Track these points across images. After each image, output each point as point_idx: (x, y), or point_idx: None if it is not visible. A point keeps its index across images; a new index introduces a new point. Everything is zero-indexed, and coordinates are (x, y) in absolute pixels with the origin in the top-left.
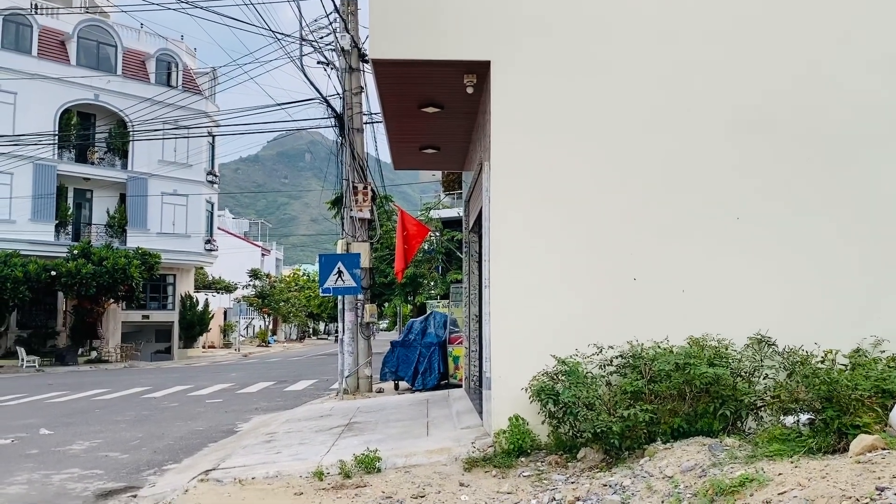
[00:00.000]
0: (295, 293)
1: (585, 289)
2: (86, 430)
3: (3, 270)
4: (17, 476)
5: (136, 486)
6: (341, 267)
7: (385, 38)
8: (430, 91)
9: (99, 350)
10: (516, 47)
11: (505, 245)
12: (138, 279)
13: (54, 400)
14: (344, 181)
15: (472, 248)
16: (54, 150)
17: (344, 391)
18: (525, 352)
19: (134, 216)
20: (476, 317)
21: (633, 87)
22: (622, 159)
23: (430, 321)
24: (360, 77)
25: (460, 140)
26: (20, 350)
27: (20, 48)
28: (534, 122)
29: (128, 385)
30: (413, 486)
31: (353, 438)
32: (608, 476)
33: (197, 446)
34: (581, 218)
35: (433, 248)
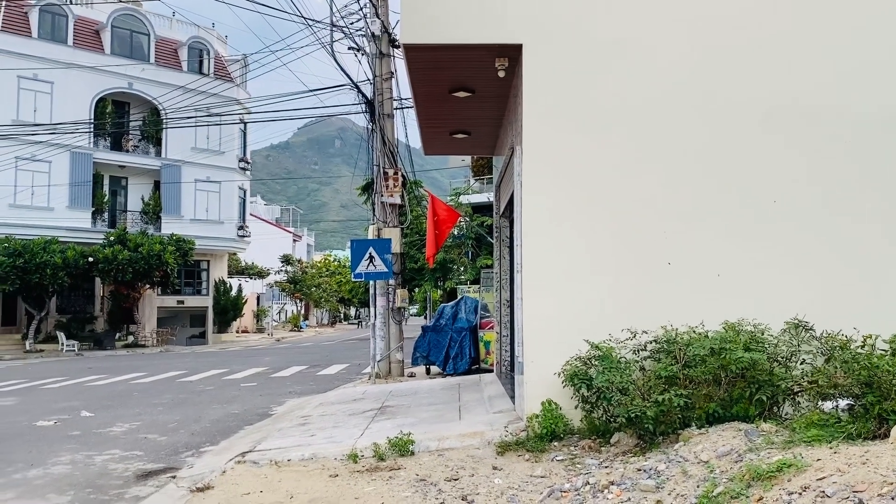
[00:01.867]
0: (326, 278)
1: (619, 273)
2: (125, 412)
3: (42, 257)
4: (60, 456)
5: (175, 467)
6: (373, 252)
7: (416, 22)
8: (460, 75)
9: (136, 335)
10: (548, 30)
11: (537, 229)
12: (173, 265)
13: (94, 383)
14: (374, 167)
15: (502, 233)
16: (90, 138)
17: (376, 375)
18: (557, 336)
19: (168, 203)
20: (507, 302)
21: (669, 72)
22: (657, 143)
23: (460, 306)
24: (390, 62)
25: (491, 124)
26: (60, 335)
27: (56, 38)
28: (566, 106)
29: (164, 369)
30: (446, 469)
31: (386, 422)
32: (642, 461)
33: (233, 429)
34: (614, 202)
35: (463, 233)
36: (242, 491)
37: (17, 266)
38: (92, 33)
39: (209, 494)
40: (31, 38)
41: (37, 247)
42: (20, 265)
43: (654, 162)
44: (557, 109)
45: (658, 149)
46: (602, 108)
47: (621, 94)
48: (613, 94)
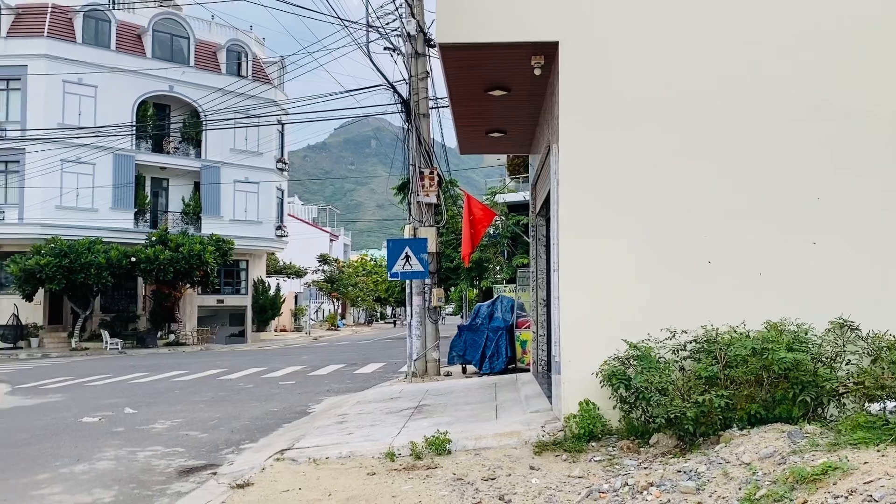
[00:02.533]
0: (362, 278)
1: (657, 272)
2: (167, 409)
3: (87, 257)
4: (105, 452)
5: (216, 463)
6: (409, 252)
7: (452, 21)
8: (496, 74)
9: (177, 333)
10: (584, 27)
11: (573, 228)
12: (213, 265)
13: (137, 381)
14: (410, 166)
15: (539, 232)
16: (132, 140)
17: (412, 374)
18: (595, 336)
19: (208, 203)
20: (544, 301)
21: (707, 66)
22: (697, 139)
23: (497, 305)
24: (425, 62)
25: (527, 122)
26: (104, 333)
27: (99, 43)
28: (603, 103)
29: (205, 367)
30: (483, 468)
31: (423, 421)
32: (682, 462)
33: (272, 426)
34: (653, 200)
35: (498, 232)
36: (282, 488)
37: (63, 266)
38: (134, 38)
39: (249, 491)
40: (75, 43)
41: (82, 247)
42: (66, 265)
43: (694, 158)
44: (594, 106)
45: (699, 145)
46: (639, 105)
47: (659, 90)
48: (651, 90)
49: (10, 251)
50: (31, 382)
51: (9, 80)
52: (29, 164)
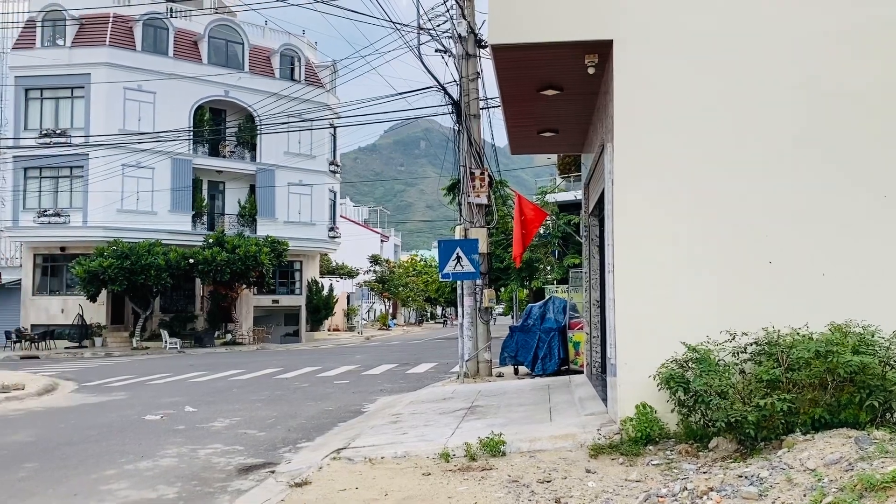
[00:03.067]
0: (413, 278)
1: (716, 273)
2: (225, 408)
3: (147, 258)
4: (167, 449)
5: (274, 462)
6: (460, 252)
7: (504, 22)
8: (549, 74)
9: (233, 333)
10: (639, 24)
11: (628, 228)
12: (268, 265)
13: (196, 379)
14: (461, 167)
15: (592, 232)
16: (190, 145)
17: (464, 375)
18: (651, 338)
19: (263, 206)
20: (597, 302)
21: (767, 61)
22: (755, 137)
23: (549, 306)
24: (476, 63)
25: (579, 122)
26: (164, 333)
27: (158, 50)
28: (659, 101)
29: (261, 366)
30: (539, 470)
31: (476, 421)
32: (743, 467)
33: (327, 425)
34: (711, 199)
35: (549, 232)
36: (339, 487)
37: (124, 267)
38: (190, 44)
39: (307, 490)
40: (135, 51)
41: (142, 249)
42: (127, 266)
43: (753, 157)
44: (650, 104)
45: (758, 143)
46: (696, 103)
47: (716, 86)
48: (707, 86)
49: (74, 253)
50: (95, 380)
51: (73, 89)
52: (92, 169)
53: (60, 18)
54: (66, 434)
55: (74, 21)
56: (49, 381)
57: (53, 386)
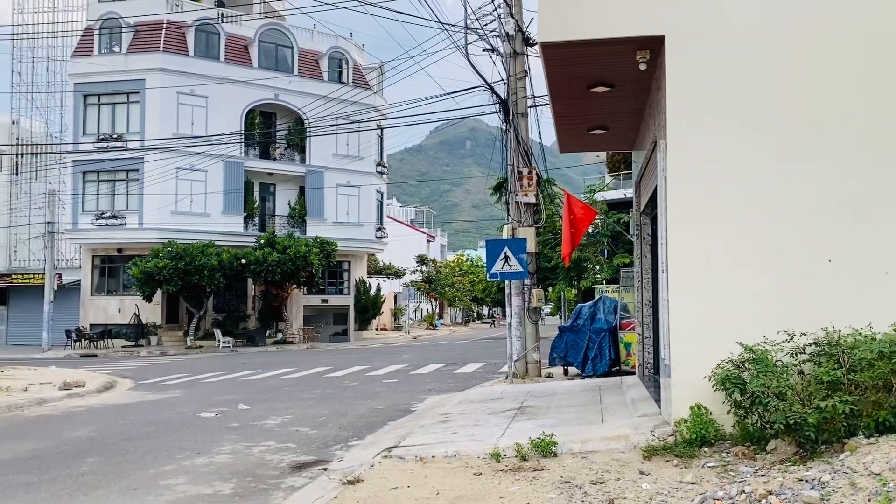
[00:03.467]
0: (459, 278)
1: (773, 271)
2: (278, 406)
3: (201, 259)
4: (223, 446)
5: (326, 459)
6: (508, 252)
7: (553, 20)
8: (599, 70)
9: (284, 332)
10: (692, 19)
11: (682, 226)
12: (317, 266)
13: (248, 378)
14: (508, 166)
15: (643, 231)
16: (241, 148)
17: (513, 375)
18: (706, 338)
19: (312, 207)
20: (649, 302)
21: (829, 53)
22: (814, 131)
23: (599, 306)
24: (524, 61)
25: (630, 119)
26: (217, 332)
27: (209, 55)
28: (713, 96)
29: (311, 365)
30: (591, 471)
31: (527, 422)
32: (803, 470)
33: (378, 424)
34: (767, 196)
35: (598, 231)
36: (390, 485)
37: (178, 268)
38: (241, 49)
39: (359, 487)
40: (188, 56)
41: (196, 250)
42: (181, 267)
43: (811, 151)
44: (704, 100)
45: (816, 137)
46: (750, 97)
47: (771, 79)
48: (762, 80)
49: (131, 254)
50: (152, 378)
51: (129, 94)
52: (147, 173)
53: (116, 26)
54: (125, 430)
55: (129, 28)
56: (108, 379)
57: (112, 384)
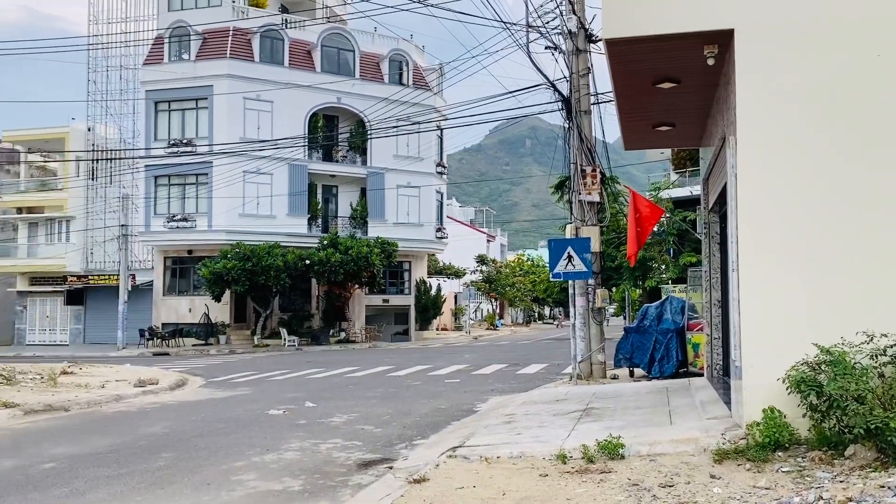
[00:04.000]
0: (520, 278)
1: (850, 270)
2: (343, 404)
3: (267, 260)
4: (291, 443)
5: (391, 458)
6: (571, 252)
7: (618, 16)
8: (665, 66)
9: (347, 331)
10: (762, 12)
11: (753, 225)
12: (379, 266)
13: (313, 376)
14: (571, 165)
15: (712, 230)
16: (305, 151)
17: (577, 376)
18: (779, 339)
19: (373, 208)
20: (718, 302)
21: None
22: (893, 123)
23: (665, 306)
24: (587, 58)
25: (697, 115)
26: (282, 331)
27: (274, 60)
28: (785, 90)
29: (374, 364)
30: (660, 474)
31: (592, 424)
32: (885, 477)
33: (441, 423)
34: (843, 191)
35: (663, 229)
36: (456, 485)
37: (246, 269)
38: (304, 53)
39: (425, 486)
40: (253, 62)
41: (262, 251)
42: (249, 268)
43: (888, 147)
44: (775, 95)
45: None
46: (826, 90)
47: (846, 71)
48: (836, 72)
49: (200, 256)
50: (221, 376)
51: (198, 100)
52: (216, 176)
53: (185, 34)
54: (197, 426)
55: (198, 36)
56: (180, 377)
57: (184, 381)
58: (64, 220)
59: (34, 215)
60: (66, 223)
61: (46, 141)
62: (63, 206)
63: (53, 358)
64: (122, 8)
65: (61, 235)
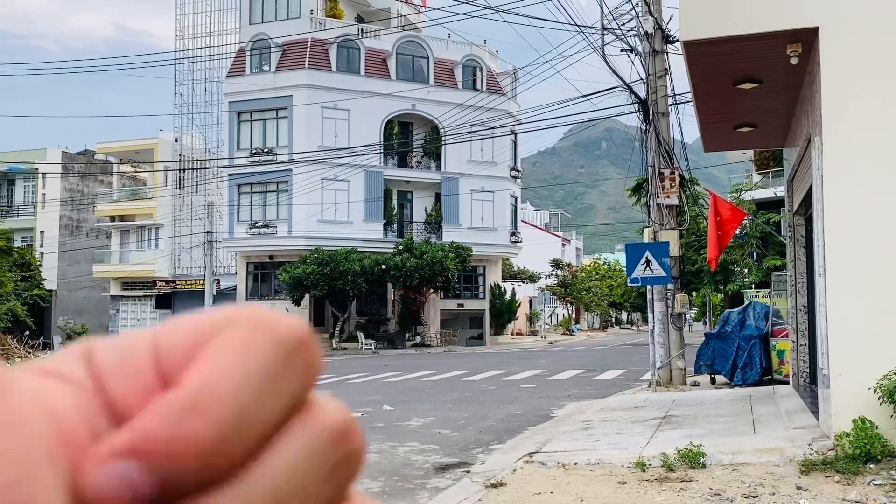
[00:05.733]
0: (596, 282)
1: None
2: (419, 407)
3: (344, 265)
4: (369, 446)
5: (468, 462)
6: (649, 256)
7: (696, 17)
8: (746, 66)
9: (422, 335)
10: (848, 9)
11: (842, 228)
12: (453, 271)
13: (390, 379)
14: (648, 167)
15: (797, 233)
16: (381, 158)
17: (656, 383)
18: (870, 347)
19: (448, 213)
20: (804, 308)
21: None
22: None
23: (748, 312)
24: (664, 59)
25: (780, 115)
26: (359, 334)
27: (351, 69)
28: (874, 89)
29: (449, 368)
30: (743, 484)
31: (672, 431)
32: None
33: (517, 429)
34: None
35: (746, 232)
36: (533, 490)
37: (324, 274)
38: (379, 62)
39: (503, 491)
40: (331, 71)
41: (339, 256)
42: (327, 273)
43: None
44: (863, 94)
45: None
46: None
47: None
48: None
49: (281, 261)
50: None
51: (278, 110)
52: (296, 184)
53: (266, 46)
54: None
55: (277, 48)
56: None
57: None
58: (153, 228)
59: (126, 223)
60: (155, 230)
61: (137, 152)
62: (153, 214)
63: None
64: (206, 23)
65: (151, 242)
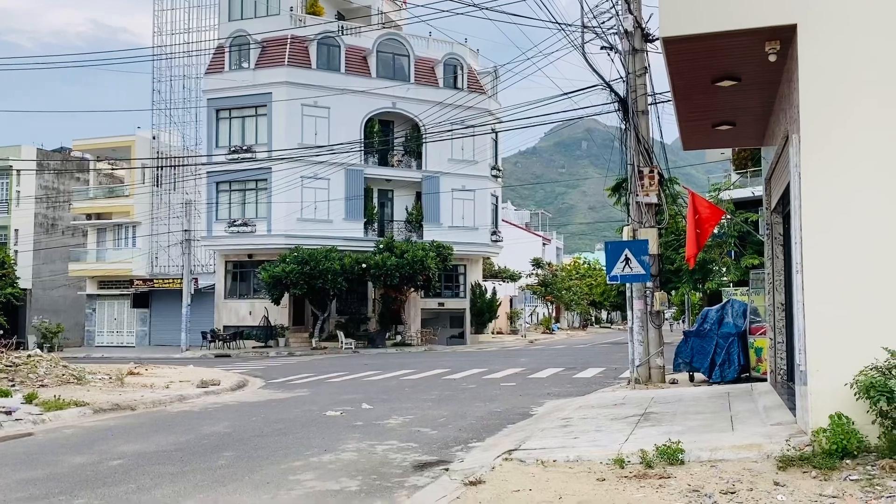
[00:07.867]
0: (576, 281)
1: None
2: (399, 406)
3: (324, 264)
4: (348, 444)
5: (447, 460)
6: (628, 254)
7: (675, 13)
8: (725, 63)
9: (403, 334)
10: (825, 7)
11: (819, 225)
12: (434, 269)
13: (370, 378)
14: (628, 166)
15: (774, 231)
16: (361, 156)
17: (635, 381)
18: (846, 343)
19: (428, 212)
20: (782, 305)
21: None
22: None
23: (726, 310)
24: (643, 58)
25: (758, 113)
26: (339, 333)
27: (331, 67)
28: (851, 87)
29: (429, 367)
30: (721, 481)
31: (651, 429)
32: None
33: (496, 426)
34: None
35: (724, 231)
36: (512, 488)
37: (304, 272)
38: (360, 59)
39: (481, 489)
40: (310, 69)
41: (320, 255)
42: (307, 272)
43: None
44: (841, 91)
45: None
46: (892, 86)
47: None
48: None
49: (260, 260)
50: (280, 378)
51: (257, 107)
52: (275, 182)
53: (245, 43)
54: (256, 426)
55: (257, 45)
56: (240, 378)
57: (244, 382)
58: (131, 226)
59: (103, 221)
60: (132, 228)
61: (114, 149)
62: (130, 211)
63: (120, 359)
64: (185, 19)
65: (128, 240)
